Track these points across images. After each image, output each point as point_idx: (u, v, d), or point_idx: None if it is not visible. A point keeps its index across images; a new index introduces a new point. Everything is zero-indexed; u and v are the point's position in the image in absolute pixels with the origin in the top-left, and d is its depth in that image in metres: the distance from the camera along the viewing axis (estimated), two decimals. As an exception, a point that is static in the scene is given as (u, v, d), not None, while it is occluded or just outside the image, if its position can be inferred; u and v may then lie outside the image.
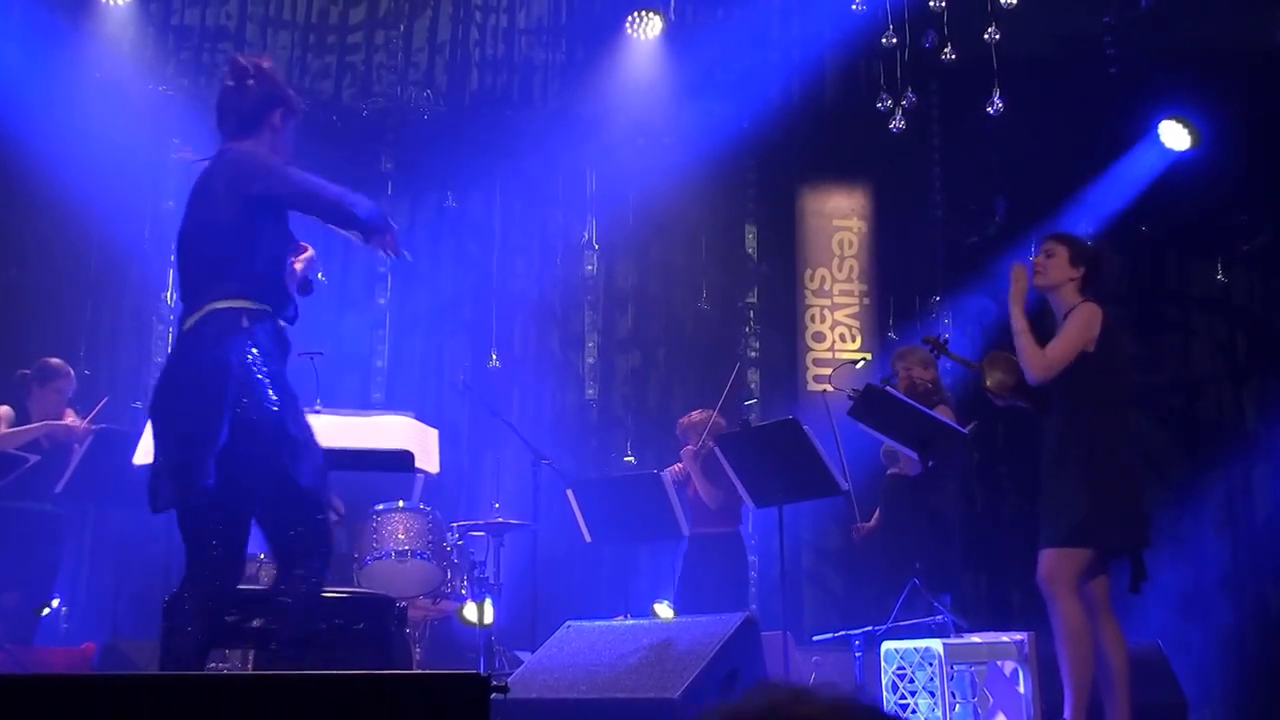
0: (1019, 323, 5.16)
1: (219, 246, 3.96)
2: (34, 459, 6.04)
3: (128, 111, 8.53)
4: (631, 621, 5.81)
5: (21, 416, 6.73)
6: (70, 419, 6.76)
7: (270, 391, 3.84)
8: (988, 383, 5.45)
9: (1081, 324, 5.10)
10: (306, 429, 3.97)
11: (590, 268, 9.31)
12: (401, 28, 9.25)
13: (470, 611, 6.58)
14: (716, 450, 6.65)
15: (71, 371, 6.95)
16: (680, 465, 7.34)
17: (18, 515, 6.63)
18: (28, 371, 6.86)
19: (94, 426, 6.64)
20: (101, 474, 6.27)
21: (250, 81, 4.20)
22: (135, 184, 8.57)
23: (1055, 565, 4.98)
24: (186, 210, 4.06)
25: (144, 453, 5.12)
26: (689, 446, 7.26)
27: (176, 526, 3.91)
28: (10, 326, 8.40)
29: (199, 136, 8.67)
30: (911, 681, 5.56)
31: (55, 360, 6.92)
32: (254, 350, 3.84)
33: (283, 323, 4.05)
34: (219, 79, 8.93)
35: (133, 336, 8.77)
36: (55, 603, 6.96)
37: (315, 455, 3.94)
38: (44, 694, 2.26)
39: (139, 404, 8.31)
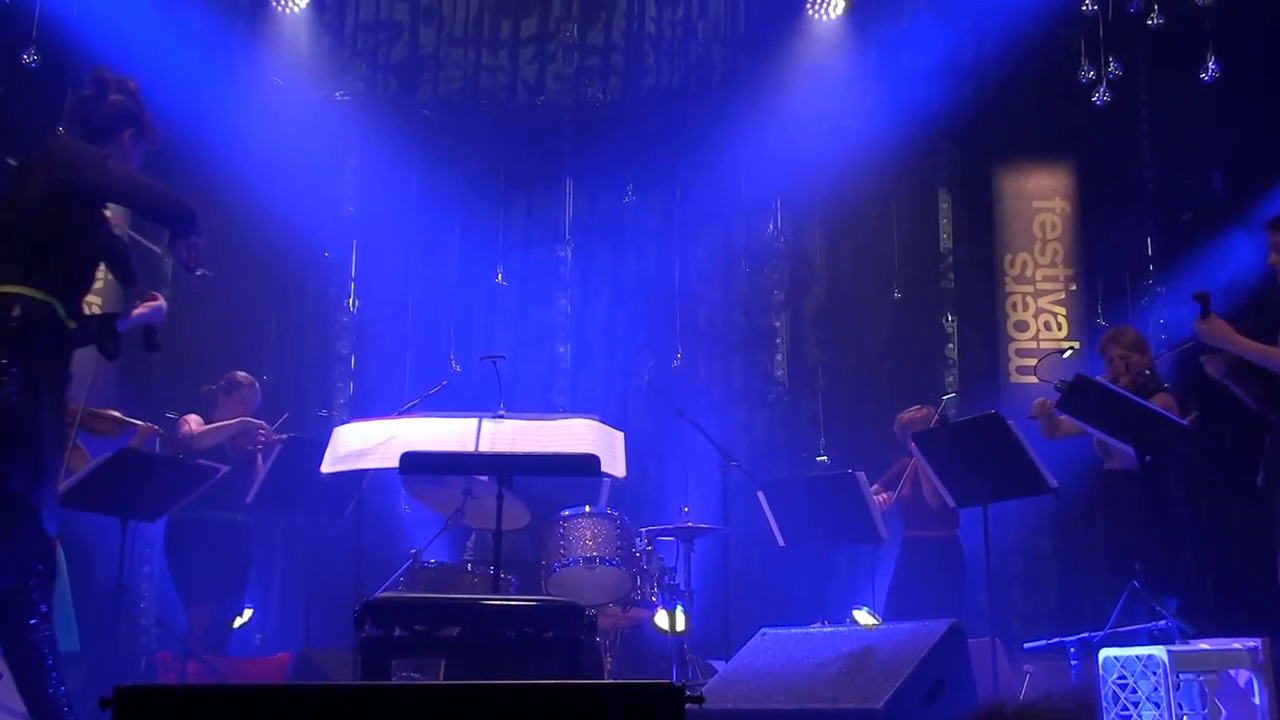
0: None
1: (15, 228, 3.87)
2: (224, 469, 6.13)
3: (305, 118, 8.68)
4: (830, 628, 5.58)
5: None
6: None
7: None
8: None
9: None
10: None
11: (776, 261, 9.10)
12: (574, 29, 9.19)
13: (663, 619, 6.43)
14: (914, 448, 6.37)
15: (257, 385, 7.08)
16: (885, 495, 7.06)
17: (210, 526, 6.77)
18: (215, 386, 7.03)
19: (279, 436, 6.73)
20: (290, 483, 6.36)
21: (113, 96, 4.12)
22: (315, 190, 8.71)
23: None
24: None
25: (330, 461, 5.10)
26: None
27: (364, 536, 3.84)
28: (196, 335, 8.62)
29: (374, 142, 8.85)
30: (1134, 692, 5.20)
31: (241, 374, 7.10)
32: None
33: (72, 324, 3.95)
34: (394, 86, 9.13)
35: (316, 343, 8.95)
36: (249, 613, 7.08)
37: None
38: (241, 704, 2.32)
39: (325, 412, 8.43)
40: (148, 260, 8.70)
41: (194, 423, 6.80)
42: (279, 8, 8.85)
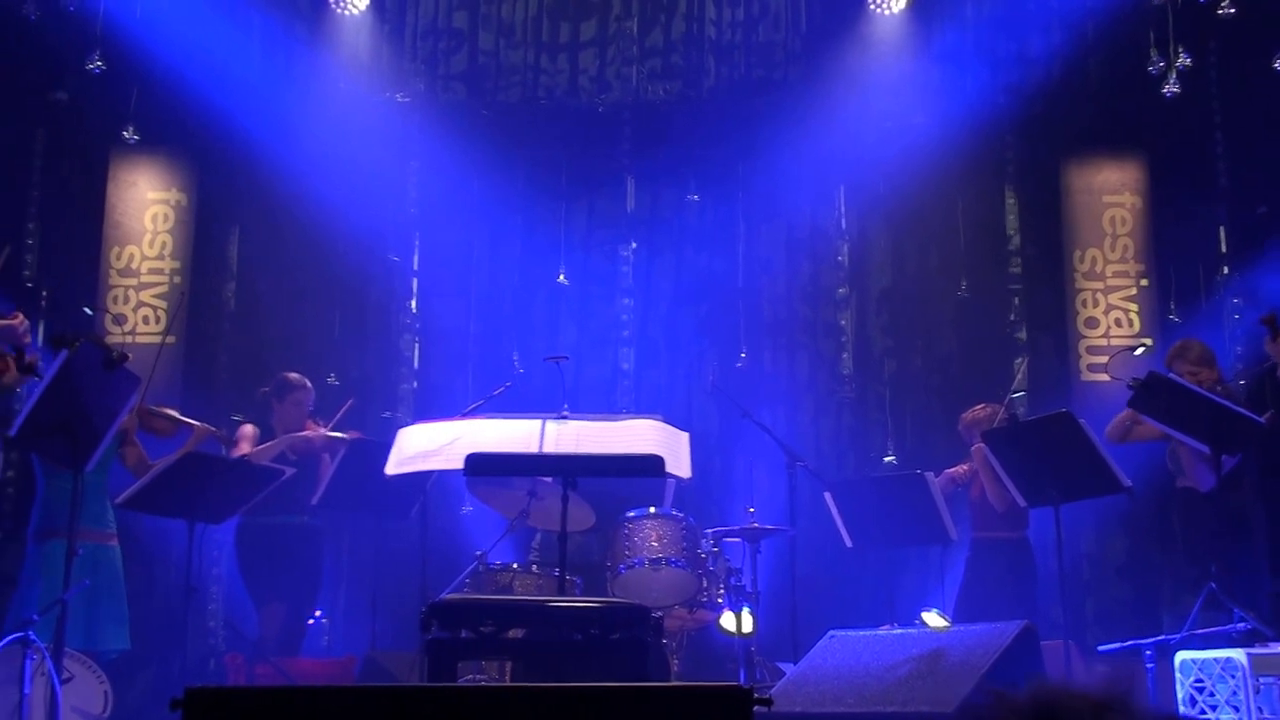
0: None
1: None
2: (290, 471, 6.15)
3: (366, 120, 8.71)
4: (899, 630, 5.50)
5: (266, 433, 6.91)
6: (310, 430, 6.88)
7: None
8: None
9: None
10: None
11: (841, 258, 9.00)
12: (634, 27, 9.14)
13: (729, 621, 6.38)
14: (984, 448, 6.27)
15: (309, 384, 7.08)
16: (965, 466, 6.96)
17: (281, 531, 6.79)
18: (267, 389, 7.04)
19: (336, 434, 6.73)
20: (355, 484, 6.38)
21: None
22: (377, 192, 8.74)
23: None
24: None
25: (395, 463, 5.09)
26: (979, 444, 6.86)
27: (430, 538, 3.78)
28: (260, 337, 8.67)
29: (436, 144, 8.86)
30: (1212, 695, 5.09)
31: (293, 375, 7.08)
32: None
33: None
34: (455, 89, 9.13)
35: (380, 346, 8.94)
36: (317, 613, 7.10)
37: None
38: (309, 705, 2.36)
39: (389, 414, 8.44)
40: (214, 259, 8.85)
41: (245, 444, 6.81)
42: (338, 10, 8.87)
